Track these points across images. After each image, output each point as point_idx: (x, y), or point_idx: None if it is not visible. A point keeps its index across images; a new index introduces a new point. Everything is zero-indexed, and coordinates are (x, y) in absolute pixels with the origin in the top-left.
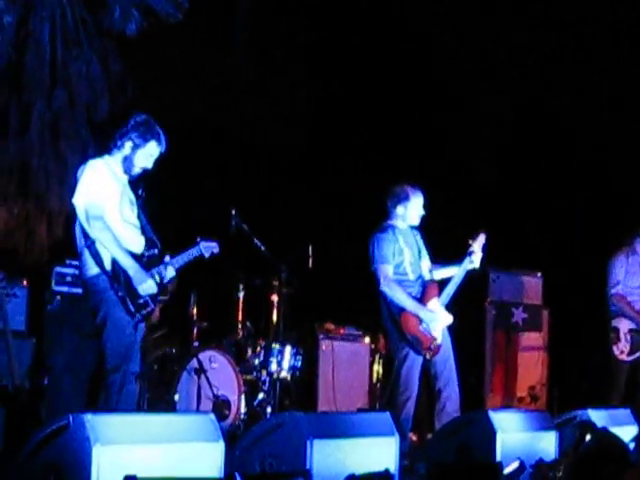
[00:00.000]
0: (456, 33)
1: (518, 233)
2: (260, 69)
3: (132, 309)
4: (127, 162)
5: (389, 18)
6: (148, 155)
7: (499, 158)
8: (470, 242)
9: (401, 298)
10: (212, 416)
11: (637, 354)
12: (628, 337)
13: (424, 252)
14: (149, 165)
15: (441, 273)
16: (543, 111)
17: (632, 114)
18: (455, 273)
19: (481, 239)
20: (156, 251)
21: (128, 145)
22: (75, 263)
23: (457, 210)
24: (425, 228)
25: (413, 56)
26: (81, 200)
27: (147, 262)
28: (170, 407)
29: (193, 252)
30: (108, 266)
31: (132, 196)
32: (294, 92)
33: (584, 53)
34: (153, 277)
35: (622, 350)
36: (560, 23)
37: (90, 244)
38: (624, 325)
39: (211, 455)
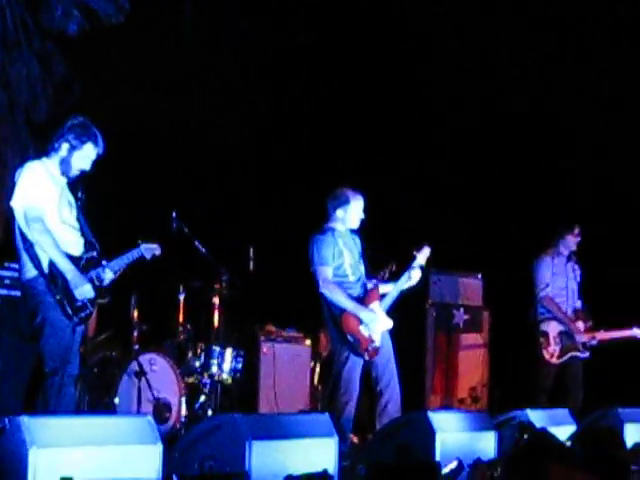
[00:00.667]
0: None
1: (458, 235)
2: (205, 70)
3: (70, 312)
4: (64, 164)
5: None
6: (85, 157)
7: (440, 159)
8: (415, 253)
9: (341, 299)
10: (150, 418)
11: (566, 356)
12: (557, 340)
13: (361, 258)
14: (86, 167)
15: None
16: (488, 113)
17: (571, 114)
18: (390, 290)
19: (426, 251)
20: (95, 253)
21: (65, 147)
22: (14, 266)
23: (399, 212)
24: (365, 231)
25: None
26: (19, 203)
27: (86, 264)
28: (110, 410)
29: (134, 254)
30: (46, 269)
31: (71, 198)
32: (238, 93)
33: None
34: (91, 280)
35: (552, 353)
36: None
37: (28, 247)
38: (553, 328)
39: (149, 457)
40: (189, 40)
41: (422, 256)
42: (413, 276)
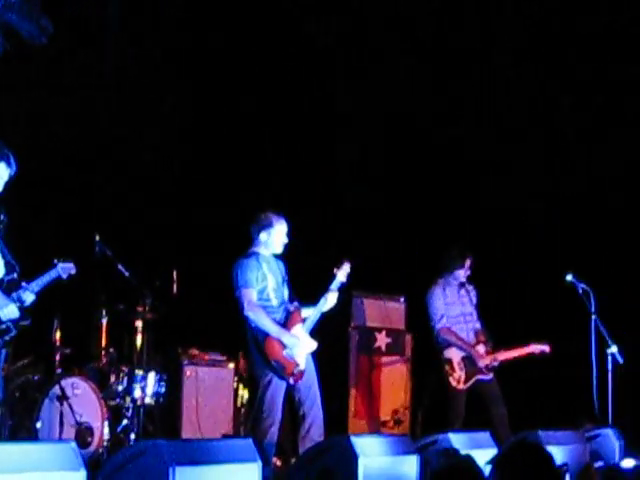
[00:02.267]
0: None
1: (381, 257)
2: (127, 89)
3: None
4: None
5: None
6: None
7: (365, 183)
8: (335, 271)
9: (265, 323)
10: (73, 444)
11: (472, 380)
12: (461, 365)
13: (285, 282)
14: None
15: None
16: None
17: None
18: (310, 314)
19: (346, 268)
20: (15, 275)
21: None
22: None
23: (321, 235)
24: (288, 254)
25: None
26: None
27: (7, 286)
28: (32, 435)
29: (51, 274)
30: None
31: None
32: (161, 113)
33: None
34: (14, 302)
35: (458, 380)
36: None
37: None
38: (455, 355)
39: None
40: (111, 59)
41: (342, 273)
42: (329, 299)
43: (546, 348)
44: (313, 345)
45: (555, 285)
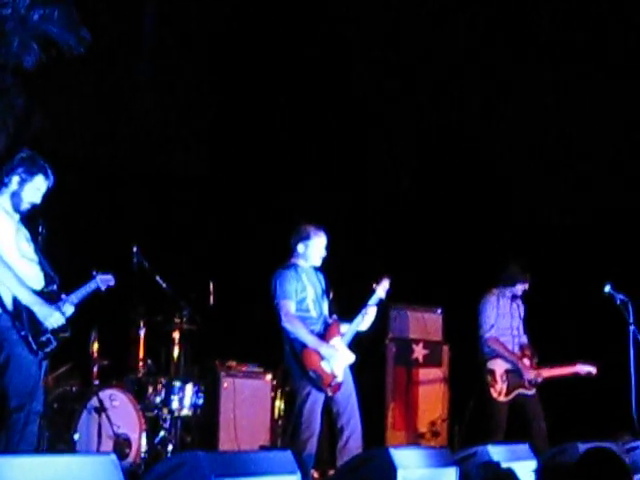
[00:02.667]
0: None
1: (418, 269)
2: (163, 101)
3: (35, 347)
4: (15, 197)
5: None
6: (35, 189)
7: (402, 196)
8: (374, 286)
9: (302, 334)
10: (113, 457)
11: (514, 393)
12: (504, 378)
13: (325, 295)
14: (37, 200)
15: None
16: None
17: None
18: (347, 330)
19: (385, 284)
20: (55, 287)
21: (15, 180)
22: None
23: (360, 245)
24: (329, 266)
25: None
26: None
27: (46, 298)
28: (70, 446)
29: (90, 285)
30: (9, 305)
31: (27, 233)
32: (198, 124)
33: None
34: (59, 310)
35: (499, 392)
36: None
37: None
38: (499, 367)
39: None
40: (150, 71)
41: (381, 289)
42: (366, 317)
43: (593, 370)
44: (351, 357)
45: (593, 297)
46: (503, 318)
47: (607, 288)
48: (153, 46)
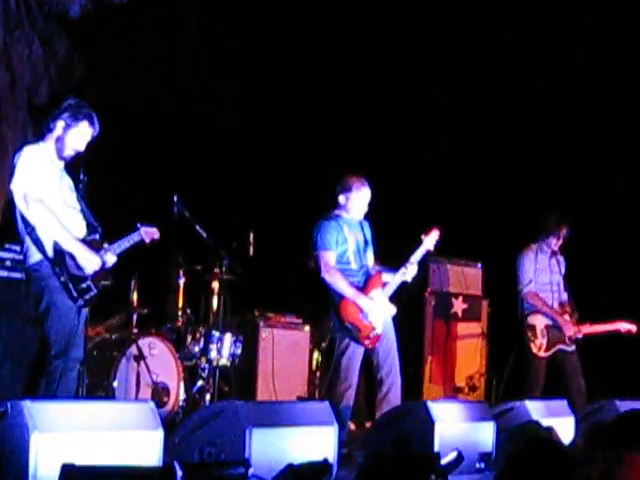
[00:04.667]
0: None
1: (458, 223)
2: (208, 53)
3: (75, 294)
4: (59, 143)
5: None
6: (80, 135)
7: (440, 151)
8: (423, 237)
9: (341, 286)
10: (152, 404)
11: (554, 349)
12: (545, 333)
13: (370, 245)
14: (81, 147)
15: None
16: (487, 105)
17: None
18: (391, 281)
19: (434, 235)
20: (97, 236)
21: (60, 125)
22: (15, 247)
23: (398, 201)
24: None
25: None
26: (19, 185)
27: (89, 247)
28: (109, 394)
29: (134, 237)
30: (50, 252)
31: (70, 181)
32: (242, 76)
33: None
34: (99, 255)
35: (539, 347)
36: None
37: (30, 230)
38: (540, 322)
39: (150, 443)
40: (193, 21)
41: (430, 240)
42: (409, 271)
43: (633, 328)
44: (392, 310)
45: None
46: (542, 273)
47: None
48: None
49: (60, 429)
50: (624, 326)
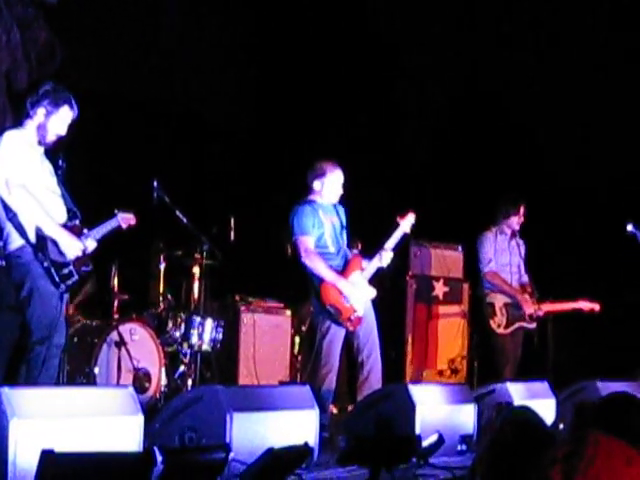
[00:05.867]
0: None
1: (439, 206)
2: (188, 37)
3: (57, 280)
4: (41, 129)
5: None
6: (61, 120)
7: (425, 136)
8: (399, 220)
9: (320, 269)
10: (131, 389)
11: (514, 326)
12: (504, 311)
13: (344, 228)
14: (63, 131)
15: None
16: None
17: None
18: (368, 266)
19: (410, 218)
20: (77, 222)
21: (41, 112)
22: None
23: (381, 184)
24: (350, 202)
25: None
26: (0, 171)
27: (69, 232)
28: (90, 380)
29: (111, 223)
30: (32, 237)
31: (50, 166)
32: (221, 59)
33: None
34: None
35: (499, 324)
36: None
37: (12, 216)
38: (499, 300)
39: (130, 428)
40: (173, 6)
41: (406, 223)
42: (384, 257)
43: (596, 306)
44: (372, 292)
45: (616, 235)
46: (502, 254)
47: (629, 227)
48: None
49: (39, 415)
50: (586, 305)
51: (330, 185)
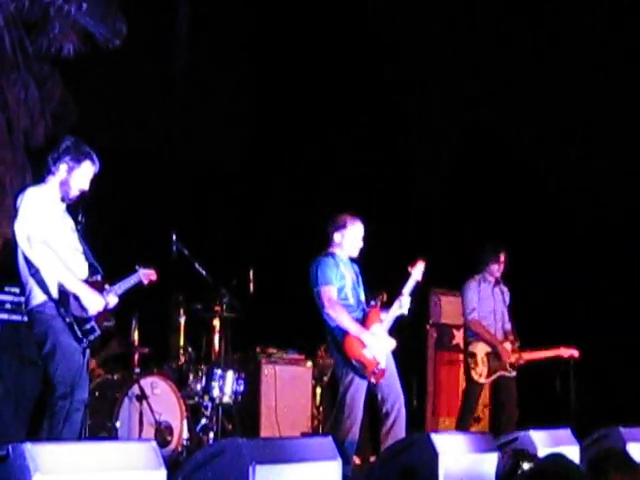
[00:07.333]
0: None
1: (457, 254)
2: (202, 92)
3: (80, 335)
4: (64, 186)
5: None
6: (83, 175)
7: (441, 179)
8: (410, 269)
9: (345, 321)
10: (154, 444)
11: (495, 375)
12: (485, 360)
13: (360, 284)
14: (85, 186)
15: None
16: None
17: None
18: (386, 318)
19: (420, 266)
20: (99, 277)
21: (63, 168)
22: (14, 290)
23: (398, 232)
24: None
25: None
26: (23, 227)
27: (91, 288)
28: (112, 434)
29: (133, 279)
30: (54, 292)
31: (72, 222)
32: (236, 115)
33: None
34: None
35: (480, 374)
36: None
37: (34, 272)
38: (480, 350)
39: None
40: (184, 64)
41: (417, 271)
42: (403, 304)
43: (575, 353)
44: (392, 343)
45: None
46: (485, 302)
47: None
48: (187, 41)
49: (62, 471)
50: (566, 352)
51: (351, 237)
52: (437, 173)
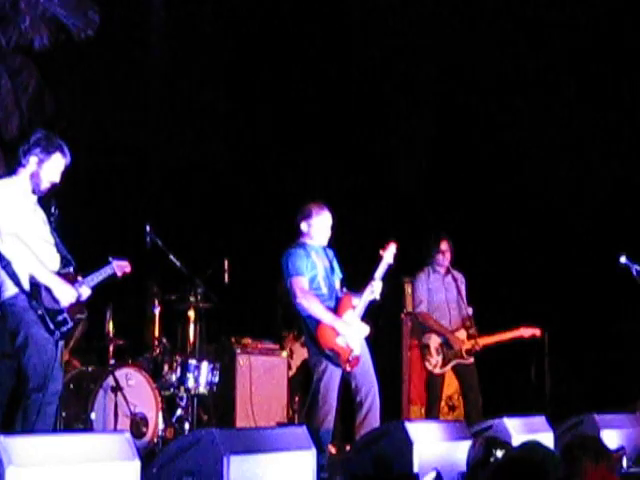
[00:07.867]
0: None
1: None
2: (175, 83)
3: (52, 327)
4: (35, 178)
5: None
6: (54, 168)
7: (417, 168)
8: (381, 252)
9: (317, 310)
10: (127, 435)
11: (450, 364)
12: (439, 350)
13: (337, 270)
14: (56, 178)
15: None
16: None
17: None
18: (359, 303)
19: (392, 249)
20: (71, 269)
21: (33, 161)
22: None
23: (372, 219)
24: (341, 240)
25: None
26: None
27: (63, 280)
28: (86, 426)
29: (106, 270)
30: (26, 285)
31: (43, 214)
32: (210, 105)
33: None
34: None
35: (435, 364)
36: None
37: (6, 264)
38: (433, 340)
39: (127, 474)
40: (158, 54)
41: (389, 254)
42: (375, 288)
43: (537, 332)
44: (366, 330)
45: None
46: (436, 293)
47: (622, 259)
48: (163, 32)
49: (36, 463)
50: (527, 331)
51: (317, 226)
52: (414, 158)
